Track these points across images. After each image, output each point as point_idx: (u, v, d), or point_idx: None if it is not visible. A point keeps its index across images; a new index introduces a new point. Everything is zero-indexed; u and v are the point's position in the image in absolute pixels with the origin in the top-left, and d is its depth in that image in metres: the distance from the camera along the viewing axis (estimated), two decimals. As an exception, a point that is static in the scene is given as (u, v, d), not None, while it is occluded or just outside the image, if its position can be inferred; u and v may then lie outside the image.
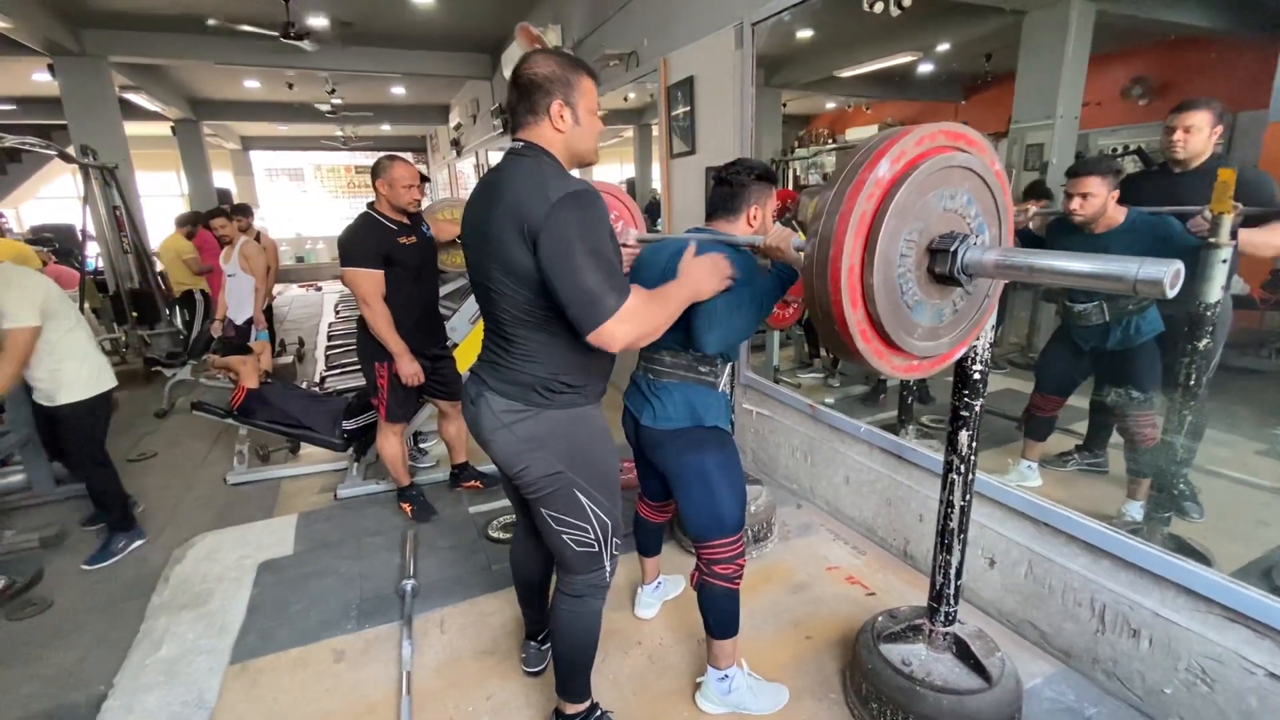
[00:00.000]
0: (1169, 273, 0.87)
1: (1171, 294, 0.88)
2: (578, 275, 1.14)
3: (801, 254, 1.30)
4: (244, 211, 4.93)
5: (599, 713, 1.59)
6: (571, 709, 1.56)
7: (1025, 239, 2.51)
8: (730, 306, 1.44)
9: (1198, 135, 1.93)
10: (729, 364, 1.63)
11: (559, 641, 1.51)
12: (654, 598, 2.10)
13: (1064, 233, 2.21)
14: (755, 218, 1.58)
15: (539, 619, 1.83)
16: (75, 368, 2.40)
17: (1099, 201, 2.04)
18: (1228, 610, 1.47)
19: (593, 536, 1.41)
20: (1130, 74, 4.11)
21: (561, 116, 1.26)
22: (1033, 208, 2.49)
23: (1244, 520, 2.13)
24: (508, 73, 4.61)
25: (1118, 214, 2.08)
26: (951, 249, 1.08)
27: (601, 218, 1.20)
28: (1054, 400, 2.47)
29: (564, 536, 1.40)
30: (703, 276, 1.35)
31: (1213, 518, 2.06)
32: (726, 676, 1.67)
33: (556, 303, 1.19)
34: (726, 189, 1.58)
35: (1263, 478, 2.23)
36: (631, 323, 1.18)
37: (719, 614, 1.62)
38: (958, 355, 1.32)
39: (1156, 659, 1.60)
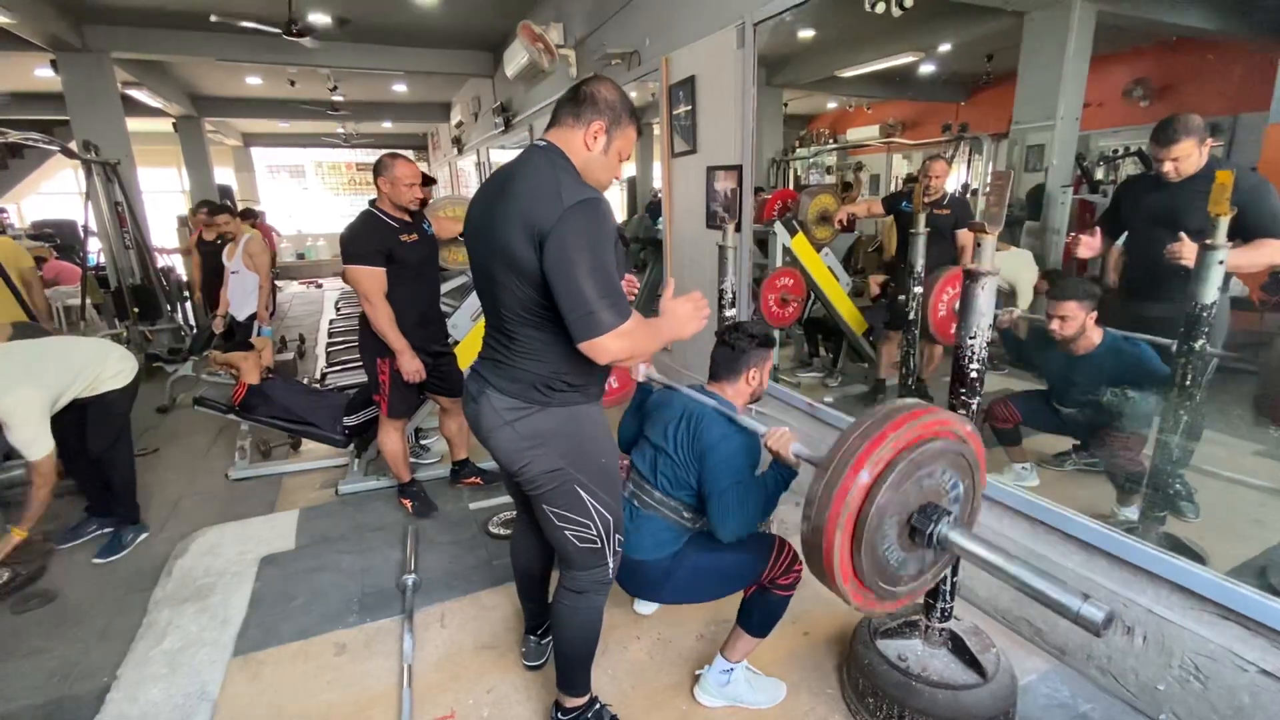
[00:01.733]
0: (1102, 618, 0.96)
1: (1105, 634, 1.00)
2: (580, 285, 1.16)
3: (798, 459, 1.43)
4: (249, 215, 4.99)
5: (598, 706, 1.61)
6: (572, 702, 1.57)
7: (1009, 342, 2.62)
8: (742, 498, 1.50)
9: (1188, 161, 1.98)
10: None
11: (560, 636, 1.52)
12: None
13: (1046, 345, 2.33)
14: (753, 379, 1.68)
15: (539, 613, 1.85)
16: (107, 367, 2.42)
17: (1076, 324, 2.18)
18: (1221, 608, 1.49)
19: (595, 533, 1.42)
20: (1131, 75, 4.12)
21: (595, 137, 1.30)
22: (1016, 312, 2.67)
23: (1240, 520, 2.15)
24: (510, 71, 4.62)
25: (1095, 335, 2.21)
26: (927, 531, 1.16)
27: (609, 230, 1.22)
28: (1013, 413, 2.46)
29: (566, 533, 1.41)
30: (685, 317, 1.37)
31: (1209, 517, 2.07)
32: (730, 669, 1.69)
33: (556, 305, 1.21)
34: (728, 351, 1.67)
35: (1260, 478, 2.24)
36: (628, 340, 1.21)
37: (766, 616, 1.62)
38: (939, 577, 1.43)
39: (1150, 656, 1.61)
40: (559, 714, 1.58)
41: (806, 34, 4.14)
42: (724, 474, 1.50)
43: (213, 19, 5.22)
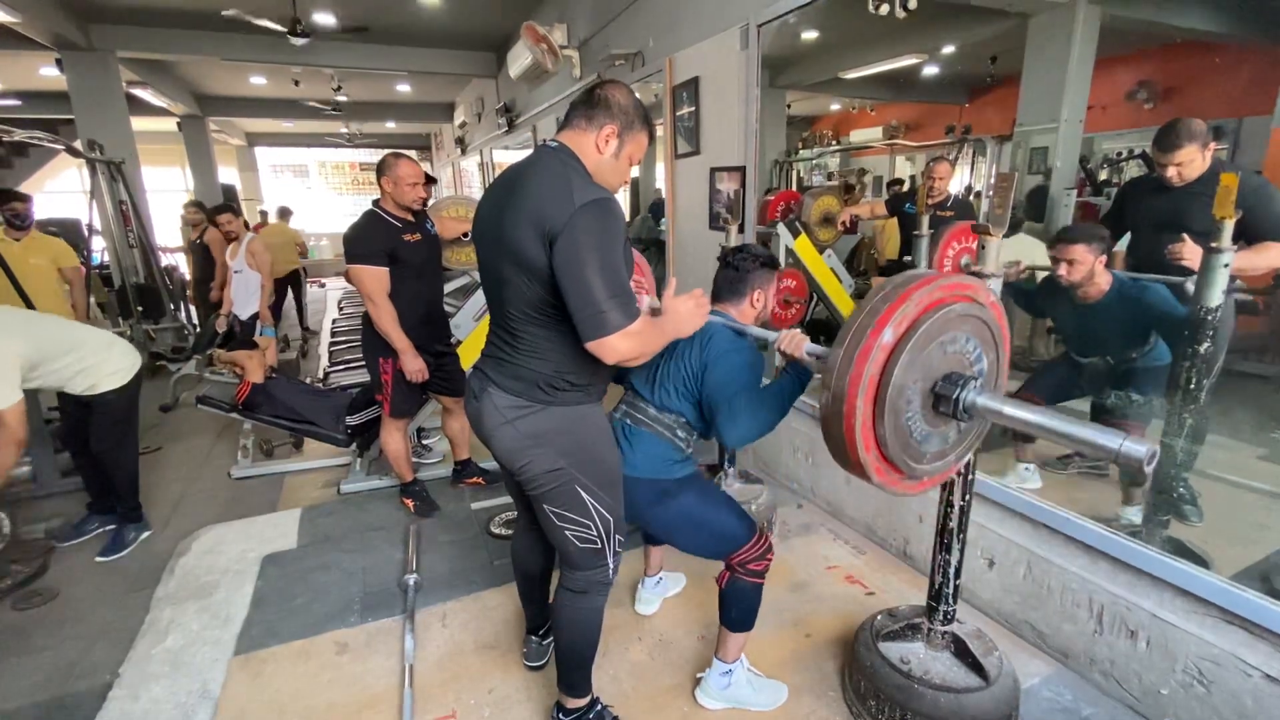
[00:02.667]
0: (1145, 453, 0.95)
1: (1148, 471, 0.96)
2: (588, 285, 1.16)
3: (814, 358, 1.39)
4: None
5: (599, 707, 1.60)
6: (572, 703, 1.57)
7: (1016, 294, 2.59)
8: (754, 405, 1.47)
9: (1191, 166, 1.97)
10: (701, 439, 1.66)
11: (561, 636, 1.52)
12: (654, 594, 2.12)
13: (1055, 292, 2.28)
14: (758, 301, 1.68)
15: (540, 614, 1.85)
16: (108, 362, 2.40)
17: (1084, 268, 2.11)
18: (1225, 612, 1.48)
19: (595, 533, 1.42)
20: (1136, 78, 4.11)
21: (607, 141, 1.31)
22: (1025, 263, 2.62)
23: (1244, 524, 2.14)
24: (513, 71, 4.61)
25: (1104, 280, 2.15)
26: (953, 396, 1.16)
27: (619, 230, 1.23)
28: (1035, 401, 2.49)
29: (566, 532, 1.41)
30: (687, 313, 1.38)
31: (1214, 521, 2.06)
32: (730, 671, 1.69)
33: (564, 304, 1.22)
34: (732, 273, 1.67)
35: (1264, 482, 2.23)
36: (635, 341, 1.22)
37: (744, 608, 1.63)
38: (963, 464, 1.38)
39: (1154, 660, 1.61)
40: (560, 714, 1.58)
41: (810, 36, 4.13)
42: (733, 382, 1.49)
43: (230, 14, 5.19)
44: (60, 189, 11.89)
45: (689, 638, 1.98)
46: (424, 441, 3.54)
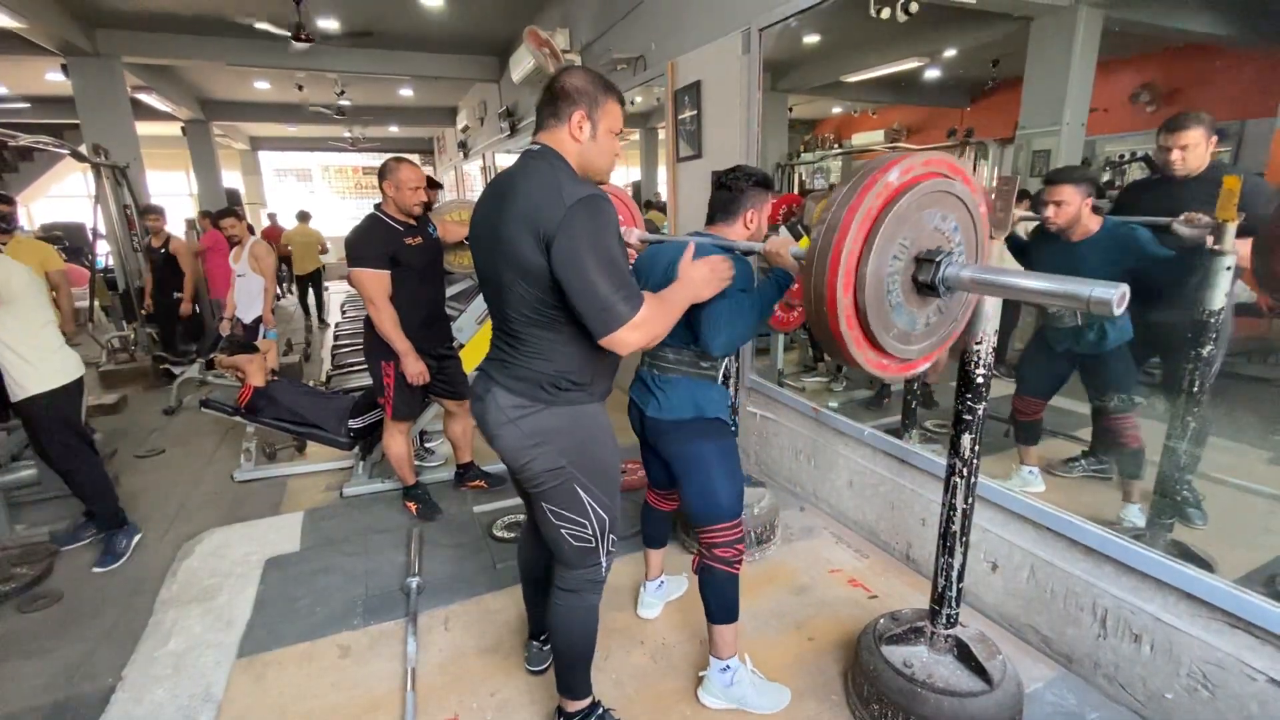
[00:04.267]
0: (1116, 295, 1.00)
1: (1119, 312, 1.00)
2: (592, 283, 1.19)
3: (799, 260, 1.41)
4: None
5: (600, 710, 1.60)
6: (573, 706, 1.57)
7: (1012, 245, 2.56)
8: (733, 312, 1.51)
9: (1195, 152, 1.97)
10: (726, 359, 1.70)
11: (557, 637, 1.52)
12: (656, 597, 2.11)
13: (1045, 240, 2.28)
14: (751, 221, 1.68)
15: (542, 618, 1.84)
16: (46, 363, 2.38)
17: (1072, 209, 2.10)
18: (1230, 616, 1.48)
19: (590, 532, 1.43)
20: (1138, 80, 4.11)
21: (580, 127, 1.31)
22: (1018, 214, 2.57)
23: (1249, 527, 2.13)
24: (516, 76, 4.62)
25: (1092, 223, 2.14)
26: (936, 259, 1.23)
27: (613, 223, 1.24)
28: (1034, 403, 2.51)
29: (562, 531, 1.43)
30: (701, 279, 1.41)
31: (1219, 525, 2.06)
32: (728, 668, 1.69)
33: (569, 305, 1.23)
34: (726, 194, 1.67)
35: (1270, 485, 2.22)
36: (642, 330, 1.24)
37: (720, 597, 1.66)
38: (921, 368, 1.43)
39: (1158, 664, 1.60)
40: (561, 719, 1.58)
41: (811, 39, 4.14)
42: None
43: (255, 25, 5.21)
44: (65, 193, 11.96)
45: (691, 641, 1.98)
46: (426, 445, 3.54)
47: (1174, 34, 3.85)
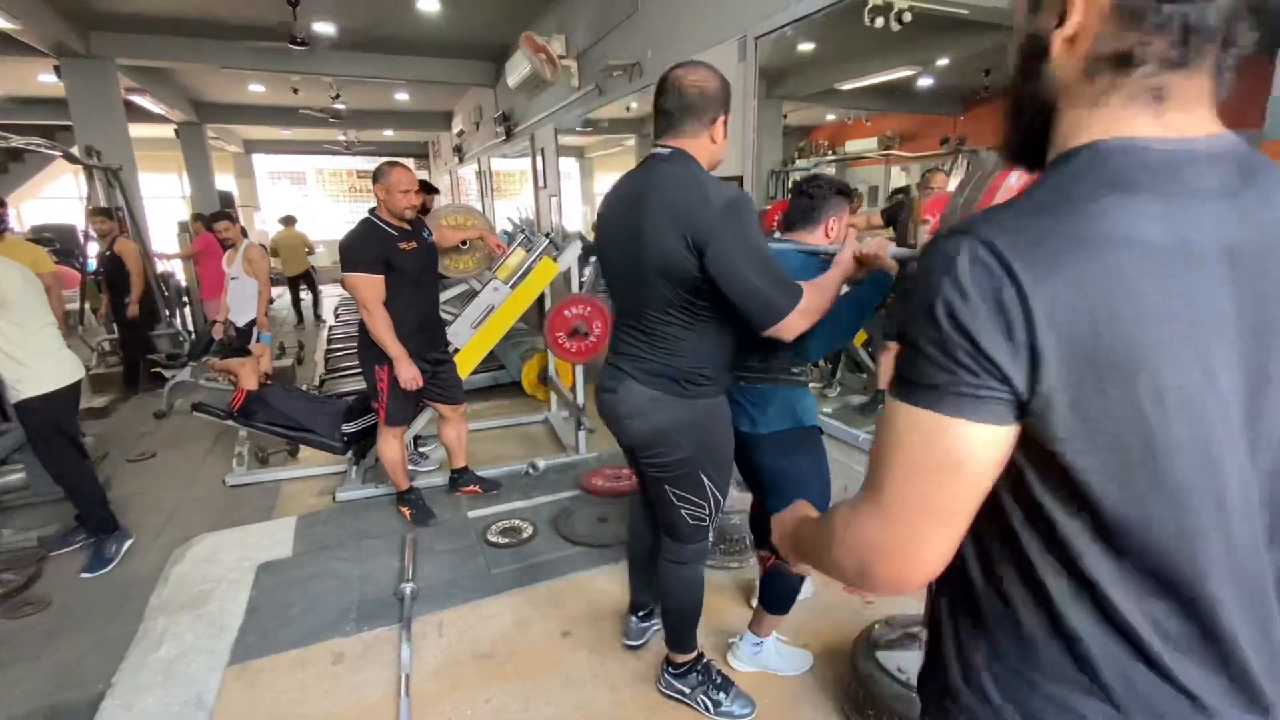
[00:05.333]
0: None
1: None
2: (750, 280, 1.27)
3: (897, 261, 1.41)
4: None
5: (704, 660, 1.77)
6: (681, 658, 1.75)
7: None
8: (831, 314, 1.48)
9: None
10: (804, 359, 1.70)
11: (670, 602, 1.69)
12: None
13: None
14: (833, 229, 1.68)
15: (644, 591, 1.94)
16: (42, 364, 2.36)
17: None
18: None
19: (706, 512, 1.57)
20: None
21: (722, 129, 1.38)
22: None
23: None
24: (511, 81, 4.64)
25: None
26: None
27: (757, 219, 1.34)
28: None
29: (682, 511, 1.56)
30: (846, 264, 1.42)
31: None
32: (760, 644, 1.84)
33: (711, 302, 1.33)
34: (807, 201, 1.67)
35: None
36: (806, 315, 1.31)
37: (783, 593, 1.75)
38: None
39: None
40: (669, 669, 1.76)
41: (806, 47, 4.17)
42: None
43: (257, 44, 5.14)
44: (57, 195, 11.88)
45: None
46: (420, 449, 3.53)
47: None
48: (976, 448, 0.50)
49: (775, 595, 1.76)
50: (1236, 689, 0.53)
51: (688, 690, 1.75)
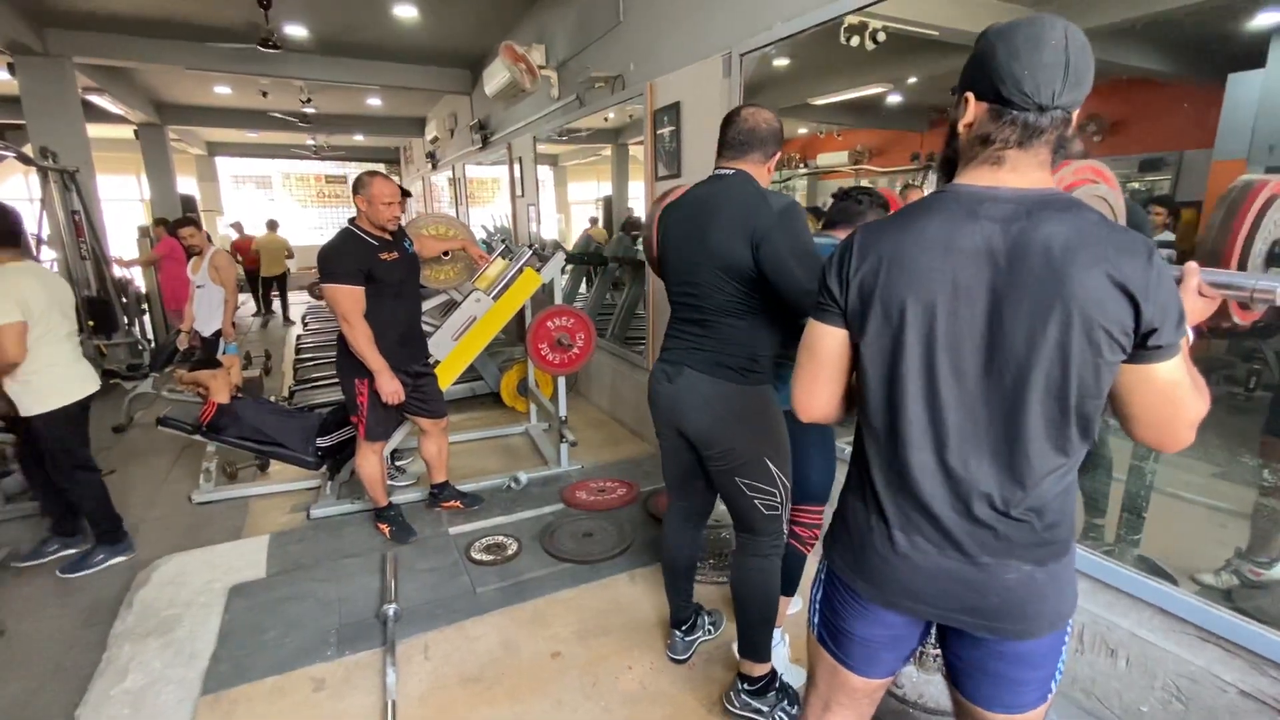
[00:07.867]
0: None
1: None
2: (796, 273, 1.43)
3: None
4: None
5: (781, 676, 1.76)
6: (759, 670, 1.71)
7: None
8: None
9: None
10: None
11: (747, 604, 1.66)
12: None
13: None
14: None
15: (685, 607, 1.94)
16: (51, 378, 2.32)
17: None
18: (1201, 630, 1.54)
19: (778, 499, 1.61)
20: (1085, 111, 4.31)
21: (776, 162, 1.60)
22: None
23: (1207, 541, 2.23)
24: (489, 89, 4.59)
25: None
26: None
27: (807, 224, 1.50)
28: None
29: (755, 501, 1.60)
30: None
31: (1179, 537, 2.14)
32: (781, 633, 1.86)
33: (762, 295, 1.49)
34: (853, 205, 1.84)
35: (1226, 501, 2.33)
36: None
37: (789, 572, 1.78)
38: None
39: (1134, 678, 1.65)
40: (744, 684, 1.71)
41: (781, 62, 4.25)
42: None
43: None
44: (6, 196, 11.33)
45: (680, 668, 1.96)
46: (397, 464, 3.45)
47: (1119, 69, 4.09)
48: (825, 338, 0.98)
49: (783, 571, 1.77)
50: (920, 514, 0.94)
51: (766, 709, 1.70)
